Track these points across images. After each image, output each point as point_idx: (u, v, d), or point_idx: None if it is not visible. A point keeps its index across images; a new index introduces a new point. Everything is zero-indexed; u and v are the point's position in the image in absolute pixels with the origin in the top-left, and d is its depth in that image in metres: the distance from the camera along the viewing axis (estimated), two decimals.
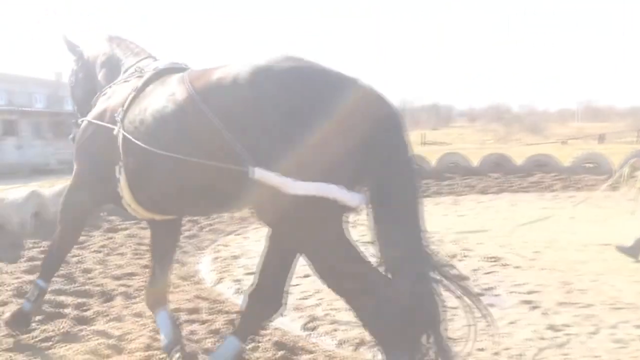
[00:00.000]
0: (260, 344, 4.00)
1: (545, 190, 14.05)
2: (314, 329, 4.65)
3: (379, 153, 2.51)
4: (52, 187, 9.75)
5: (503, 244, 7.83)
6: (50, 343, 3.78)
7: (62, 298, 4.83)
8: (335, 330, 4.58)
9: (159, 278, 3.74)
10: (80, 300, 4.85)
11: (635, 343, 4.19)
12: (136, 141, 2.94)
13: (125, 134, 3.04)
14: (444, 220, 9.76)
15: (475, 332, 2.62)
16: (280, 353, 3.81)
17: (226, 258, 7.36)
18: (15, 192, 9.39)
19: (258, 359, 3.74)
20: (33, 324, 4.08)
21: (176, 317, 4.10)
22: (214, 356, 3.25)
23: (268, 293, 3.08)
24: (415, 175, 2.65)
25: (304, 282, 6.06)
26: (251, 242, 8.40)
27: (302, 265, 6.73)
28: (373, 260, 2.64)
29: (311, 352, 4.02)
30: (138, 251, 7.26)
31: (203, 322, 4.48)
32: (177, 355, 3.41)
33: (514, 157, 16.89)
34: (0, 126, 23.82)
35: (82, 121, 3.57)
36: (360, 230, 2.69)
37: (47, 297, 4.79)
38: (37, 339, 3.82)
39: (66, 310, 4.52)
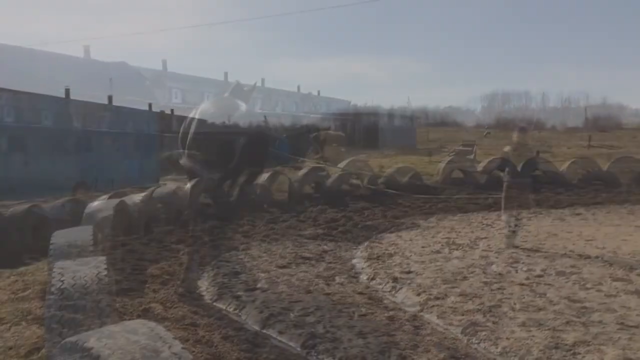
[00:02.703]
0: (420, 345, 3.98)
1: None
2: (474, 334, 4.51)
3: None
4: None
5: None
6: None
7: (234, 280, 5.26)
8: (498, 338, 4.40)
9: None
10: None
11: None
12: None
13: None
14: (617, 231, 8.86)
15: None
16: (442, 355, 3.76)
17: (380, 255, 7.41)
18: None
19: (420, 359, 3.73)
20: (208, 301, 4.50)
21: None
22: None
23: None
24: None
25: (462, 285, 5.91)
26: (404, 241, 8.38)
27: (459, 267, 6.63)
28: None
29: (474, 358, 3.91)
30: (297, 242, 7.64)
31: (362, 315, 4.57)
32: None
33: None
34: (176, 122, 26.43)
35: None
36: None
37: (221, 280, 5.28)
38: (213, 315, 4.20)
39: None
